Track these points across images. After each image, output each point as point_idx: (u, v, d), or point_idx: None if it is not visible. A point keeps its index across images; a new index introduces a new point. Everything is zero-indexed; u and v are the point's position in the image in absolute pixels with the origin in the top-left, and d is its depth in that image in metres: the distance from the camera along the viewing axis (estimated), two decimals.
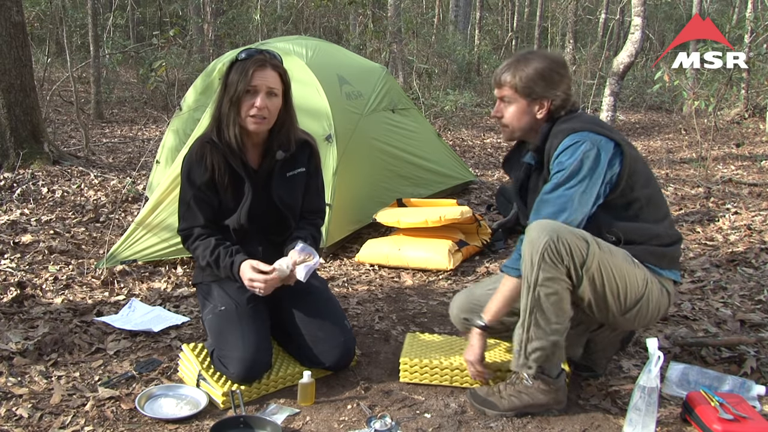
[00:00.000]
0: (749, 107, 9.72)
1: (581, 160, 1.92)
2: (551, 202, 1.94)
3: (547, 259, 1.85)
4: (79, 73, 10.11)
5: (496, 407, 2.01)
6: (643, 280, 1.99)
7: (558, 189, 1.94)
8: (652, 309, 2.02)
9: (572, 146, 1.94)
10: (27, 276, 3.20)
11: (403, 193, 4.19)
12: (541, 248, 1.85)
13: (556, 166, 1.97)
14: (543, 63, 2.04)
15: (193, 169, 2.25)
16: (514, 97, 2.06)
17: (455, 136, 8.44)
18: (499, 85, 2.09)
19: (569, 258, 1.86)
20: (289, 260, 2.17)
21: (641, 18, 5.40)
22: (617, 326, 2.13)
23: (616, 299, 1.95)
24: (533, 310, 1.90)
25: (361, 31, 11.64)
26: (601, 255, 1.90)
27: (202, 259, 2.24)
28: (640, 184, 2.01)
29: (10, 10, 5.14)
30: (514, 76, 2.04)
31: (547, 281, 1.87)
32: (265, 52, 2.21)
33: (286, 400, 2.13)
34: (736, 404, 1.93)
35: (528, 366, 1.96)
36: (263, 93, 2.15)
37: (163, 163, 4.55)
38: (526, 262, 1.90)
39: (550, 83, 2.03)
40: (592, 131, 1.96)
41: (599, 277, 1.91)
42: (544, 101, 2.04)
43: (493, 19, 20.09)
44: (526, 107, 2.06)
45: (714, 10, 17.26)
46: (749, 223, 4.24)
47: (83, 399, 2.11)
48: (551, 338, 1.92)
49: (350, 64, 4.64)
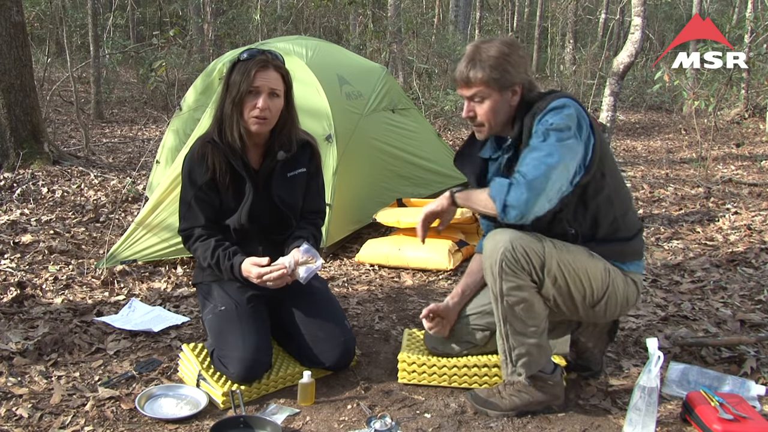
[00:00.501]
0: (749, 107, 9.73)
1: (568, 120, 1.87)
2: (540, 147, 1.84)
3: (506, 268, 1.86)
4: (79, 73, 10.11)
5: (498, 407, 2.01)
6: (605, 271, 1.99)
7: (547, 139, 1.85)
8: (620, 299, 2.03)
9: (558, 108, 1.89)
10: (27, 276, 3.20)
11: (403, 193, 4.19)
12: (499, 259, 1.87)
13: (542, 124, 1.88)
14: (502, 48, 1.94)
15: (195, 168, 2.25)
16: (487, 91, 1.95)
17: (455, 136, 8.44)
18: (467, 83, 1.97)
19: (528, 263, 1.87)
20: (291, 258, 2.17)
21: (641, 18, 5.40)
22: (591, 320, 2.15)
23: (581, 294, 1.96)
24: (506, 318, 1.92)
25: (361, 31, 11.64)
26: (558, 254, 1.91)
27: (203, 260, 2.25)
28: (610, 170, 1.99)
29: (10, 10, 5.14)
30: (483, 70, 1.93)
31: (513, 290, 1.88)
32: (267, 52, 2.21)
33: (286, 400, 2.13)
34: (736, 404, 1.93)
35: (518, 373, 1.99)
36: (265, 94, 2.15)
37: (163, 163, 4.55)
38: (488, 274, 1.91)
39: (516, 66, 1.95)
40: (574, 101, 1.95)
41: (561, 275, 1.91)
42: (516, 87, 1.97)
43: (493, 19, 20.08)
44: (500, 98, 1.97)
45: (714, 10, 17.25)
46: (749, 223, 4.24)
47: (83, 399, 2.11)
48: (532, 341, 1.94)
49: (350, 64, 4.64)
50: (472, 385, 2.20)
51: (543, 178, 1.79)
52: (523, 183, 1.80)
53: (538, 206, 1.81)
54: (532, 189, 1.78)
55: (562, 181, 1.84)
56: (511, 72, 1.94)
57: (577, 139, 1.86)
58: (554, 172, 1.81)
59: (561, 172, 1.83)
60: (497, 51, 1.94)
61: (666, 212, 4.65)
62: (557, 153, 1.82)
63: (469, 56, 1.96)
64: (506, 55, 1.94)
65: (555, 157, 1.82)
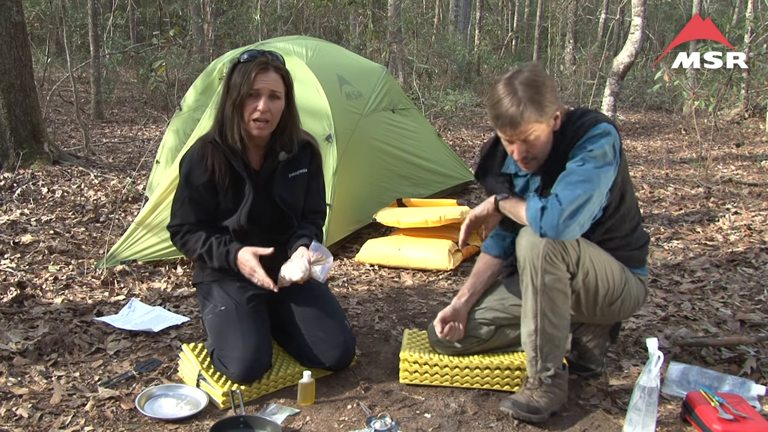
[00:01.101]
0: (749, 107, 9.73)
1: (606, 148, 1.89)
2: (578, 172, 1.85)
3: (549, 260, 1.87)
4: (79, 73, 10.11)
5: (539, 410, 1.98)
6: (622, 271, 2.05)
7: (586, 164, 1.86)
8: (633, 299, 2.09)
9: (599, 135, 1.90)
10: (27, 276, 3.20)
11: (403, 193, 4.19)
12: (542, 252, 1.86)
13: (581, 150, 1.89)
14: (536, 78, 1.90)
15: (194, 169, 2.25)
16: (541, 129, 1.90)
17: (455, 136, 8.44)
18: (519, 128, 1.88)
19: (567, 255, 1.89)
20: (305, 261, 2.15)
21: (641, 18, 5.40)
22: (600, 320, 2.17)
23: (605, 290, 2.00)
24: (543, 313, 1.92)
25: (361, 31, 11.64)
26: (590, 249, 1.95)
27: (192, 251, 2.24)
28: (628, 191, 2.03)
29: (10, 10, 5.14)
30: (535, 111, 1.86)
31: (554, 283, 1.89)
32: (267, 53, 2.20)
33: (286, 400, 2.13)
34: (736, 404, 1.93)
35: (546, 368, 1.98)
36: (266, 96, 2.15)
37: (163, 163, 4.55)
38: (527, 268, 1.90)
39: (554, 94, 1.93)
40: (611, 124, 1.95)
41: (592, 269, 1.95)
42: (557, 112, 1.95)
43: (493, 19, 20.09)
44: (549, 130, 1.94)
45: (714, 10, 17.26)
46: (749, 223, 4.24)
47: (83, 399, 2.11)
48: (562, 334, 1.96)
49: (350, 64, 4.64)
50: (473, 385, 2.20)
51: (577, 205, 1.80)
52: (557, 209, 1.80)
53: (571, 232, 1.82)
54: (566, 215, 1.80)
55: (595, 207, 1.86)
56: (554, 102, 1.91)
57: (612, 166, 1.89)
58: (589, 198, 1.82)
59: (596, 199, 1.85)
60: (534, 85, 1.88)
61: (666, 212, 4.65)
62: (594, 180, 1.84)
63: (510, 98, 1.88)
64: (543, 85, 1.89)
65: (591, 184, 1.83)
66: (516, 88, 1.88)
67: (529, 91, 1.87)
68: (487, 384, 2.20)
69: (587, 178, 1.83)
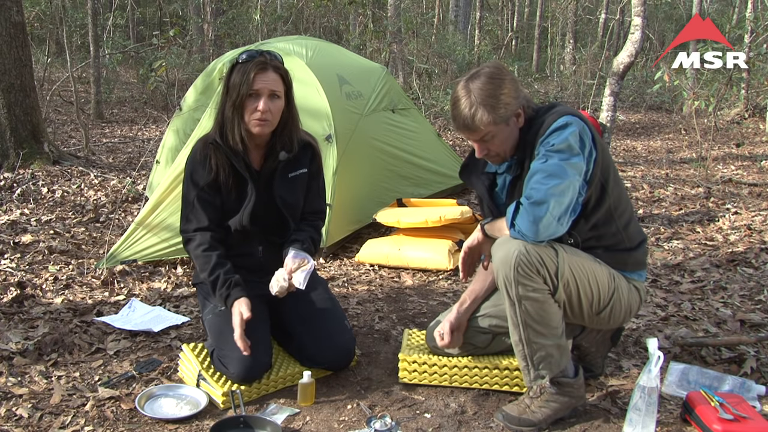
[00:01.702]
0: (749, 107, 9.73)
1: (570, 140, 1.86)
2: (542, 169, 1.84)
3: (522, 272, 1.84)
4: (79, 73, 10.11)
5: (532, 423, 1.97)
6: (610, 277, 2.00)
7: (549, 160, 1.85)
8: (624, 306, 2.04)
9: (561, 128, 1.88)
10: (27, 276, 3.20)
11: (403, 193, 4.19)
12: (514, 263, 1.84)
13: (543, 146, 1.88)
14: (493, 81, 1.90)
15: (197, 169, 2.25)
16: (496, 129, 1.92)
17: (455, 136, 8.43)
18: (472, 129, 1.92)
19: (543, 267, 1.85)
20: (284, 272, 2.17)
21: (641, 18, 5.40)
22: (594, 327, 2.13)
23: (589, 300, 1.96)
24: (525, 323, 1.89)
25: (361, 31, 11.64)
26: (570, 259, 1.90)
27: (201, 271, 2.23)
28: (611, 183, 1.98)
29: (10, 10, 5.14)
30: (488, 114, 1.89)
31: (530, 293, 1.86)
32: (266, 53, 2.20)
33: (286, 400, 2.13)
34: (736, 404, 1.93)
35: (540, 376, 1.96)
36: (266, 96, 2.15)
37: (163, 163, 4.55)
38: (502, 280, 1.88)
39: (513, 92, 1.92)
40: (576, 116, 1.93)
41: (573, 281, 1.90)
42: (518, 111, 1.95)
43: (493, 19, 20.09)
44: (508, 129, 1.95)
45: (714, 10, 17.26)
46: (749, 223, 4.24)
47: (83, 399, 2.11)
48: (551, 342, 1.92)
49: (350, 64, 4.64)
50: (472, 385, 2.20)
51: (546, 200, 1.78)
52: (527, 208, 1.80)
53: (548, 229, 1.80)
54: (536, 212, 1.78)
55: (567, 200, 1.82)
56: (511, 102, 1.91)
57: (580, 156, 1.86)
58: (558, 192, 1.80)
59: (567, 191, 1.82)
60: (490, 86, 1.89)
61: (666, 212, 4.65)
62: (560, 174, 1.81)
63: (467, 99, 1.90)
64: (499, 87, 1.90)
65: (558, 178, 1.81)
66: (470, 90, 1.90)
67: (484, 93, 1.89)
68: (487, 384, 2.20)
69: (552, 173, 1.81)
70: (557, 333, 1.92)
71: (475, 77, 1.92)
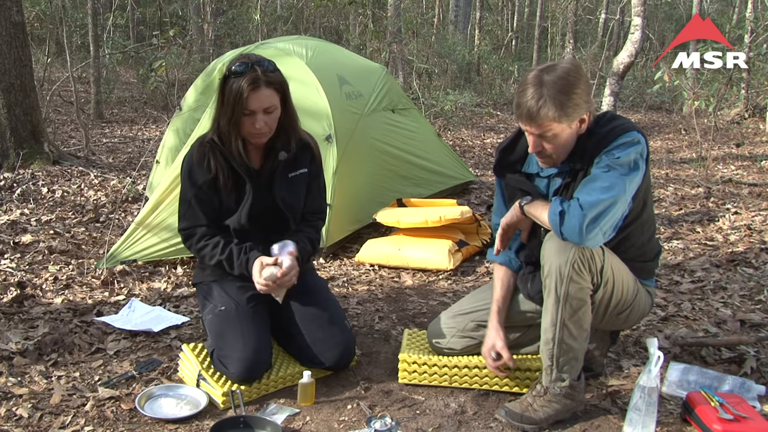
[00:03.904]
0: (749, 107, 9.72)
1: (634, 157, 1.84)
2: (603, 178, 1.80)
3: (577, 268, 1.82)
4: (79, 73, 10.11)
5: (534, 421, 1.97)
6: (635, 281, 2.03)
7: (611, 171, 1.81)
8: (640, 311, 2.08)
9: (628, 143, 1.86)
10: (27, 276, 3.20)
11: (403, 193, 4.19)
12: (570, 260, 1.81)
13: (608, 156, 1.84)
14: (570, 78, 1.82)
15: (194, 169, 2.25)
16: (559, 128, 1.84)
17: (455, 136, 8.44)
18: (534, 120, 1.83)
19: (593, 265, 1.84)
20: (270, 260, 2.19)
21: (641, 18, 5.40)
22: (602, 327, 2.13)
23: (617, 300, 1.97)
24: (564, 323, 1.86)
25: (361, 31, 11.65)
26: (611, 258, 1.91)
27: (211, 257, 2.24)
28: (650, 198, 2.01)
29: (10, 10, 5.14)
30: (555, 109, 1.80)
31: (578, 293, 1.84)
32: (258, 65, 2.12)
33: (286, 400, 2.14)
34: (736, 404, 1.93)
35: (561, 378, 1.95)
36: (260, 114, 2.13)
37: (163, 163, 4.55)
38: (553, 275, 1.84)
39: (585, 97, 1.84)
40: (641, 133, 1.90)
41: (611, 280, 1.91)
42: (584, 116, 1.88)
43: (493, 19, 20.09)
44: (570, 132, 1.87)
45: (714, 10, 17.24)
46: (749, 223, 4.24)
47: (83, 399, 2.11)
48: (580, 346, 1.91)
49: (350, 64, 4.64)
50: (472, 385, 2.20)
51: (599, 211, 1.76)
52: (579, 214, 1.76)
53: (593, 238, 1.78)
54: (588, 220, 1.75)
55: (618, 215, 1.82)
56: (580, 104, 1.84)
57: (638, 174, 1.85)
58: (611, 205, 1.78)
59: (619, 206, 1.81)
60: (564, 83, 1.81)
61: (666, 212, 4.65)
62: (618, 188, 1.79)
63: (533, 90, 1.82)
64: (574, 86, 1.82)
65: (615, 192, 1.79)
66: (543, 82, 1.82)
67: (555, 89, 1.81)
68: (487, 384, 2.20)
69: (612, 185, 1.79)
70: (585, 336, 1.92)
71: (551, 70, 1.85)
